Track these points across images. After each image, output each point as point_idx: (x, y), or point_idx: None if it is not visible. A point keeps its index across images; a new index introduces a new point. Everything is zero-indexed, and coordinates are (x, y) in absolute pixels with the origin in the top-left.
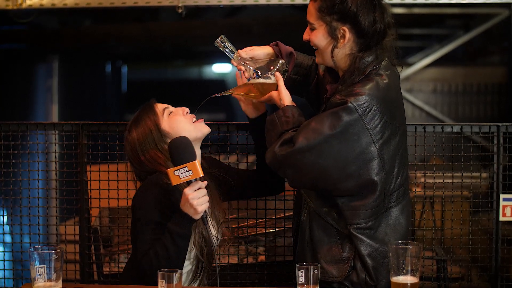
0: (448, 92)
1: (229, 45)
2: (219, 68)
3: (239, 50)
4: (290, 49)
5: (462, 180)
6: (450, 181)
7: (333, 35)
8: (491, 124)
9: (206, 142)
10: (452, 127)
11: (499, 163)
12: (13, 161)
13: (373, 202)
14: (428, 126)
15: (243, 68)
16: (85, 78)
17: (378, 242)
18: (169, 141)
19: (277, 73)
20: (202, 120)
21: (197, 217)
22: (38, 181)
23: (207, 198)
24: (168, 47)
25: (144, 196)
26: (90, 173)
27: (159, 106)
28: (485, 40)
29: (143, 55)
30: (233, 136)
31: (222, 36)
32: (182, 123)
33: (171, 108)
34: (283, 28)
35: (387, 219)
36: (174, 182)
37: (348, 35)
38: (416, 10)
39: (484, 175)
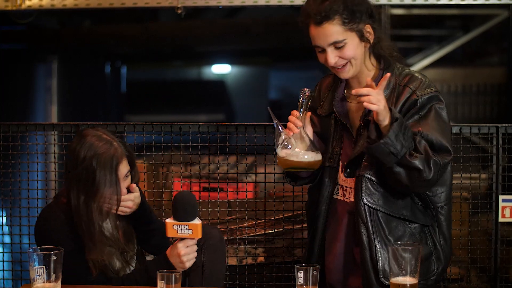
0: (447, 93)
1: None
2: (219, 69)
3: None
4: None
5: (461, 181)
6: None
7: (364, 38)
8: (491, 125)
9: (205, 143)
10: (451, 128)
11: (499, 164)
12: (13, 161)
13: None
14: None
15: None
16: (84, 79)
17: None
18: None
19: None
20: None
21: (180, 270)
22: (38, 182)
23: (195, 255)
24: (167, 48)
25: (50, 229)
26: None
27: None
28: (484, 41)
29: (142, 55)
30: (232, 136)
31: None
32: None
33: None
34: (283, 29)
35: None
36: (170, 234)
37: (371, 30)
38: (415, 11)
39: (483, 176)
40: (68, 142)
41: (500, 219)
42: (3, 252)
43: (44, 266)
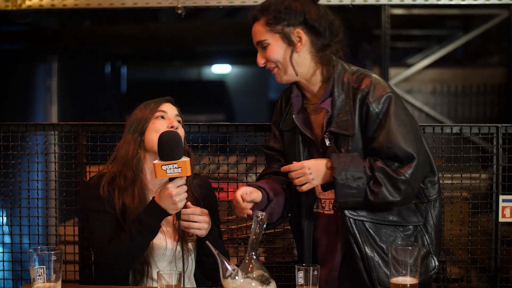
0: (447, 93)
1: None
2: (219, 69)
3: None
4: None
5: (461, 181)
6: (449, 182)
7: (289, 41)
8: (491, 125)
9: (205, 143)
10: (451, 128)
11: (499, 164)
12: (13, 162)
13: None
14: (428, 127)
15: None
16: (84, 79)
17: None
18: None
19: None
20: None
21: (173, 212)
22: (38, 182)
23: (186, 195)
24: (167, 48)
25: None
26: (90, 173)
27: (167, 107)
28: (484, 41)
29: (142, 55)
30: (232, 137)
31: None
32: (156, 131)
33: (170, 115)
34: None
35: None
36: (159, 175)
37: (303, 36)
38: (416, 11)
39: (483, 176)
40: (69, 142)
41: (500, 219)
42: (3, 252)
43: (44, 266)
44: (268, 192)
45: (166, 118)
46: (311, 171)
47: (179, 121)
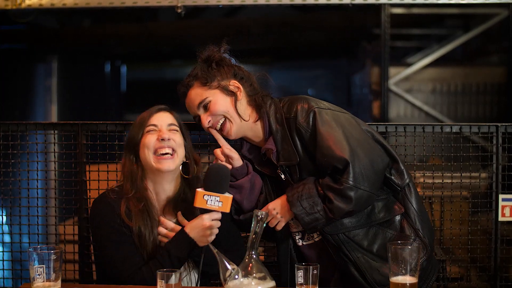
0: (447, 92)
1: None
2: None
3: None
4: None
5: (461, 180)
6: (449, 181)
7: (229, 92)
8: (490, 124)
9: (205, 142)
10: (451, 127)
11: (498, 163)
12: (12, 161)
13: None
14: (427, 126)
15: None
16: (84, 78)
17: None
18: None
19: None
20: (169, 157)
21: (202, 245)
22: (37, 181)
23: (217, 231)
24: (167, 47)
25: (95, 217)
26: (89, 173)
27: (158, 118)
28: (484, 40)
29: (142, 55)
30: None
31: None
32: (147, 148)
33: (161, 128)
34: (282, 28)
35: None
36: (198, 204)
37: (239, 85)
38: (415, 10)
39: (483, 175)
40: (69, 141)
41: (500, 218)
42: (3, 251)
43: (44, 265)
44: (248, 167)
45: (157, 131)
46: (276, 211)
47: (175, 130)
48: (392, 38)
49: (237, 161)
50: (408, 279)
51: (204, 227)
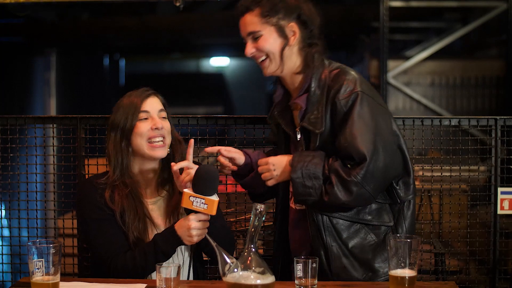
0: (446, 85)
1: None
2: (217, 62)
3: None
4: (257, 151)
5: (460, 174)
6: (448, 174)
7: (283, 34)
8: (489, 117)
9: (204, 136)
10: (450, 120)
11: (497, 156)
12: (11, 155)
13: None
14: (426, 119)
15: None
16: (82, 72)
17: None
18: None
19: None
20: (162, 145)
21: (188, 244)
22: (36, 175)
23: (205, 231)
24: (165, 41)
25: (81, 196)
26: (88, 166)
27: (150, 104)
28: (483, 33)
29: (140, 48)
30: (231, 129)
31: None
32: (139, 134)
33: (153, 114)
34: None
35: None
36: (184, 204)
37: (297, 30)
38: (414, 4)
39: (482, 168)
40: (68, 135)
41: (499, 211)
42: (2, 245)
43: (43, 259)
44: (252, 160)
45: (150, 118)
46: (275, 167)
47: (164, 117)
48: (390, 31)
49: (240, 159)
50: (407, 272)
51: (189, 228)
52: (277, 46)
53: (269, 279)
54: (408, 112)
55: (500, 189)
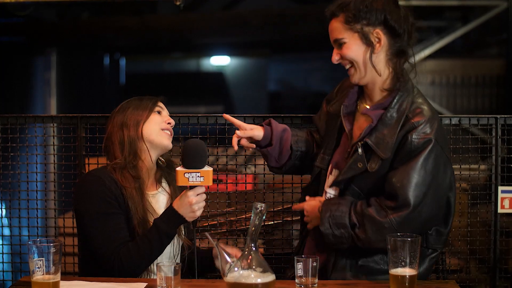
0: (446, 84)
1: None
2: (218, 61)
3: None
4: (283, 126)
5: (460, 172)
6: None
7: (368, 41)
8: (490, 116)
9: (204, 135)
10: (450, 119)
11: (498, 155)
12: (12, 154)
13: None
14: None
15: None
16: (83, 71)
17: None
18: (141, 137)
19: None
20: (170, 136)
21: (191, 220)
22: (37, 174)
23: (204, 204)
24: (166, 40)
25: (86, 190)
26: (89, 165)
27: (163, 105)
28: (483, 32)
29: (141, 47)
30: (231, 128)
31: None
32: (153, 122)
33: (164, 112)
34: (282, 21)
35: None
36: (180, 183)
37: (382, 37)
38: (414, 2)
39: (482, 167)
40: (68, 134)
41: (500, 210)
42: (2, 244)
43: (43, 258)
44: (273, 131)
45: (163, 115)
46: (308, 214)
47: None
48: None
49: (257, 135)
50: (407, 271)
51: (190, 203)
52: (360, 54)
53: (270, 278)
54: None
55: (500, 188)
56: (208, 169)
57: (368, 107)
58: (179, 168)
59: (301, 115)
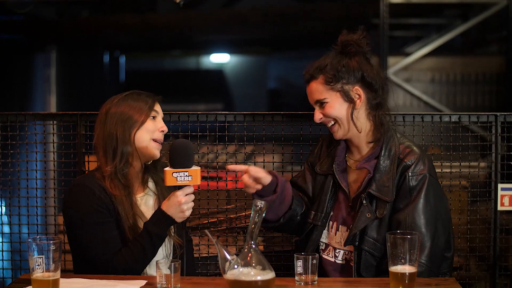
0: (446, 81)
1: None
2: (217, 58)
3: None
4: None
5: (460, 170)
6: (448, 170)
7: (349, 98)
8: (489, 113)
9: (204, 132)
10: (450, 117)
11: (497, 152)
12: (11, 151)
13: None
14: (426, 115)
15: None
16: (83, 68)
17: None
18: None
19: None
20: (159, 145)
21: (180, 220)
22: (36, 172)
23: (193, 204)
24: (165, 38)
25: (75, 200)
26: (88, 163)
27: (159, 107)
28: (483, 29)
29: (141, 45)
30: (231, 126)
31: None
32: (146, 129)
33: (159, 118)
34: (281, 18)
35: None
36: (169, 183)
37: (362, 93)
38: (414, 0)
39: (482, 164)
40: (68, 132)
41: (499, 208)
42: (2, 242)
43: (43, 256)
44: (278, 181)
45: (157, 121)
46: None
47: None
48: (391, 28)
49: (265, 179)
50: (407, 268)
51: (179, 203)
52: (343, 111)
53: (269, 275)
54: (408, 108)
55: (500, 185)
56: (195, 168)
57: (358, 161)
58: (167, 168)
59: (300, 112)
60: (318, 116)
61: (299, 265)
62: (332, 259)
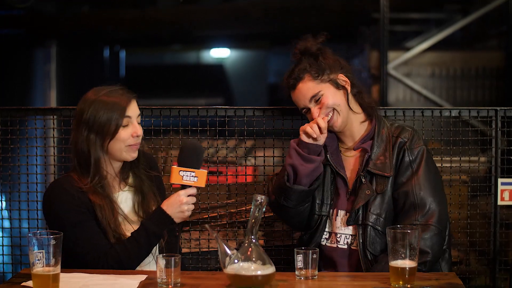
0: (446, 76)
1: None
2: (217, 53)
3: None
4: None
5: (460, 164)
6: (448, 165)
7: (339, 86)
8: (489, 108)
9: (204, 127)
10: (450, 111)
11: (497, 147)
12: (12, 146)
13: None
14: (426, 110)
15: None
16: (83, 63)
17: None
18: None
19: None
20: (136, 148)
21: (179, 221)
22: (37, 167)
23: (193, 207)
24: (165, 32)
25: (54, 202)
26: None
27: (132, 109)
28: (483, 24)
29: (141, 40)
30: (231, 120)
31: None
32: (119, 140)
33: (134, 120)
34: (282, 13)
35: None
36: (174, 180)
37: (347, 79)
38: None
39: (482, 159)
40: (68, 127)
41: (499, 202)
42: (2, 237)
43: (43, 251)
44: (321, 152)
45: (131, 125)
46: None
47: (139, 122)
48: (391, 23)
49: (322, 140)
50: (407, 263)
51: (180, 203)
52: (339, 97)
53: (270, 270)
54: (409, 103)
55: (500, 180)
56: (203, 170)
57: (351, 149)
58: (174, 166)
59: None
60: (317, 112)
61: (299, 260)
62: (335, 245)
